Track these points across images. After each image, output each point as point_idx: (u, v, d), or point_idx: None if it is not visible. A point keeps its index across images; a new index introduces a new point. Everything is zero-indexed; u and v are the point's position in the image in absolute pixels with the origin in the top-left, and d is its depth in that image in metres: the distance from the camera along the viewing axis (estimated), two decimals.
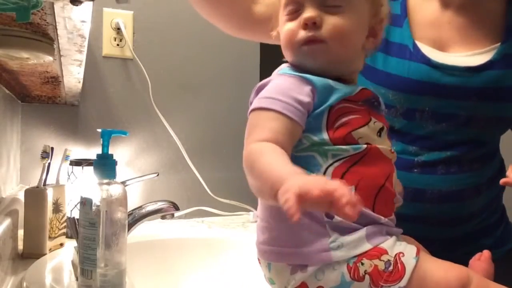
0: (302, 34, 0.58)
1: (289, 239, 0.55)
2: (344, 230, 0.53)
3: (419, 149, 0.77)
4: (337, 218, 0.53)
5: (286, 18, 0.60)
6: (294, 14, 0.59)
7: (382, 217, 0.55)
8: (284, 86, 0.57)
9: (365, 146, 0.56)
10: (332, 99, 0.56)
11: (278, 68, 0.63)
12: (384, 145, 0.59)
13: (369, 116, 0.59)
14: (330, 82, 0.57)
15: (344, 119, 0.56)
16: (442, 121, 0.74)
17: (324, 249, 0.53)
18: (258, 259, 0.61)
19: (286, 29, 0.60)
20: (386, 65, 0.78)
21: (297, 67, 0.60)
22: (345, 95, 0.57)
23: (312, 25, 0.57)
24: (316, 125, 0.56)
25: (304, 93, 0.56)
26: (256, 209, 1.32)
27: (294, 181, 0.43)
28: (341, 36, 0.57)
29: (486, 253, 0.61)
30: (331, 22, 0.57)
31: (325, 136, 0.55)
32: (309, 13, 0.57)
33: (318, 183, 0.42)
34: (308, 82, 0.56)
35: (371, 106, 0.61)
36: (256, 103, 0.56)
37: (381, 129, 0.59)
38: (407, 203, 0.67)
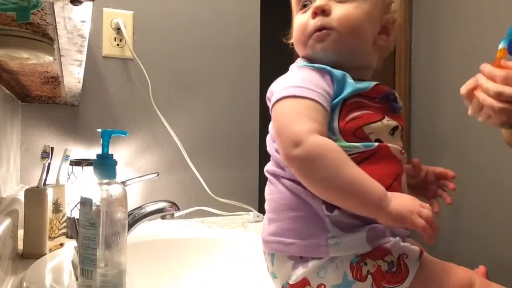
0: (312, 23, 0.59)
1: (291, 230, 0.56)
2: (345, 226, 0.53)
3: None
4: (336, 212, 0.53)
5: (299, 13, 0.62)
6: (305, 8, 0.61)
7: None
8: (311, 77, 0.57)
9: (376, 144, 0.56)
10: (346, 92, 0.57)
11: (296, 62, 0.63)
12: (395, 144, 0.59)
13: (383, 114, 0.59)
14: (346, 74, 0.57)
15: (356, 113, 0.57)
16: None
17: (321, 244, 0.53)
18: (264, 253, 0.61)
19: (297, 23, 0.62)
20: None
21: (310, 61, 0.61)
22: (358, 89, 0.57)
23: (321, 13, 0.58)
24: (330, 116, 0.56)
25: (328, 84, 0.56)
26: (256, 209, 1.32)
27: (419, 207, 0.51)
28: (349, 24, 0.58)
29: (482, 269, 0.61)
30: (339, 10, 0.58)
31: (335, 124, 0.56)
32: (318, 2, 0.59)
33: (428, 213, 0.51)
34: (328, 73, 0.57)
35: (388, 105, 0.61)
36: (289, 91, 0.56)
37: (394, 128, 0.60)
38: None
